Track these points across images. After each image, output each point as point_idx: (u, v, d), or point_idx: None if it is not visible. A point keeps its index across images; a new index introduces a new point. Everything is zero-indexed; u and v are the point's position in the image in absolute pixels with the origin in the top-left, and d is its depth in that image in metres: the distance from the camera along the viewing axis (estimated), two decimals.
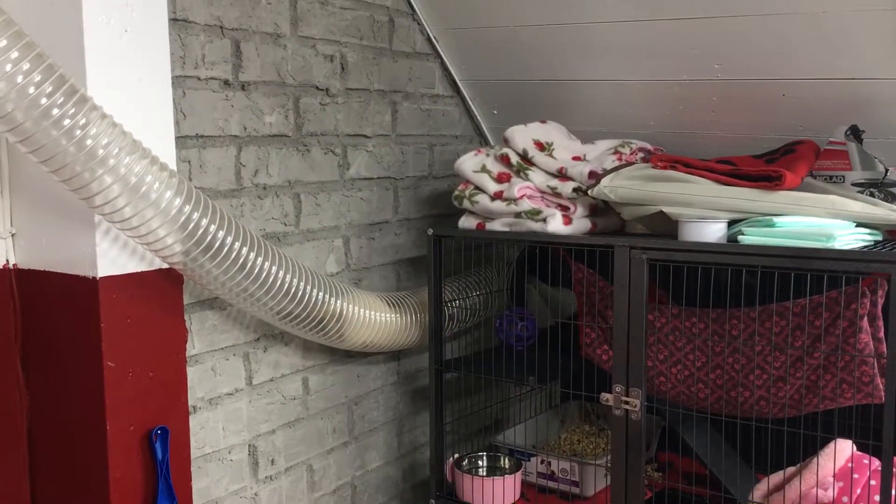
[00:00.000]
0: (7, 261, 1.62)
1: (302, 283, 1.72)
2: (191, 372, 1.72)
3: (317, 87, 1.97)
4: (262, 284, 1.64)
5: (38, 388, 1.63)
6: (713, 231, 1.74)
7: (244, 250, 1.58)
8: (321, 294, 1.77)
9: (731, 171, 1.81)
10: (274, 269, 1.65)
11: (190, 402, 1.72)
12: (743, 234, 1.69)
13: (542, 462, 2.17)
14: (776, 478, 1.77)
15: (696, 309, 1.92)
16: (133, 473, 1.59)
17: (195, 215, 1.49)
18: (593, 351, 2.09)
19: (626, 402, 1.80)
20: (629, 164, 1.96)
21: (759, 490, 1.78)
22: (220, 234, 1.54)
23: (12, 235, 1.62)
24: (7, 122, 1.30)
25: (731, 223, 1.75)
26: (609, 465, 1.87)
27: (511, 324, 2.24)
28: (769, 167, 1.78)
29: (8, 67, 1.25)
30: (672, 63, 2.02)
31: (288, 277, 1.68)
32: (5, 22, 1.26)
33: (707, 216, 1.75)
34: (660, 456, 2.30)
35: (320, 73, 1.98)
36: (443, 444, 2.11)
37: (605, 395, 1.83)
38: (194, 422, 1.74)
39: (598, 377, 1.97)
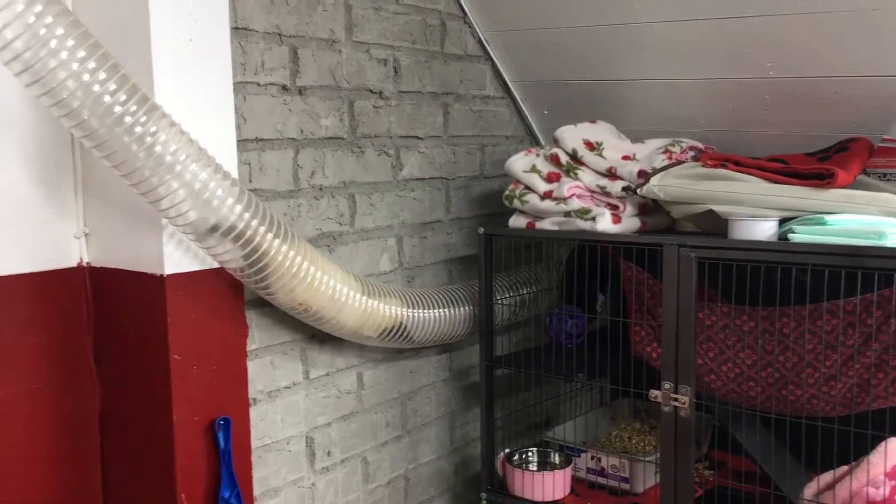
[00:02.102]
0: (81, 259, 1.71)
1: (346, 289, 1.78)
2: (251, 366, 1.79)
3: (371, 91, 2.03)
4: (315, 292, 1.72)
5: (110, 379, 1.72)
6: (763, 229, 1.75)
7: (298, 259, 1.65)
8: (369, 301, 1.84)
9: (783, 170, 1.81)
10: (325, 278, 1.72)
11: (250, 395, 1.80)
12: (794, 232, 1.70)
13: (592, 458, 2.20)
14: (827, 477, 1.77)
15: (747, 307, 1.93)
16: (197, 461, 1.67)
17: (254, 223, 1.55)
18: (643, 348, 2.11)
19: (675, 399, 1.82)
20: (679, 162, 1.97)
21: (810, 488, 1.78)
22: (276, 242, 1.60)
23: (86, 235, 1.71)
24: (83, 128, 1.38)
25: (783, 221, 1.76)
26: (658, 461, 1.89)
27: (561, 321, 2.26)
28: (821, 165, 1.77)
29: (86, 77, 1.33)
30: (722, 62, 2.03)
31: (337, 286, 1.76)
32: (83, 34, 1.34)
33: (757, 214, 1.76)
34: (711, 454, 2.31)
35: (374, 76, 2.04)
36: (493, 439, 2.15)
37: (653, 392, 1.85)
38: (254, 413, 1.81)
39: (647, 374, 1.99)
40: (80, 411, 1.72)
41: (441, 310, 2.03)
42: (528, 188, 2.05)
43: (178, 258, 1.60)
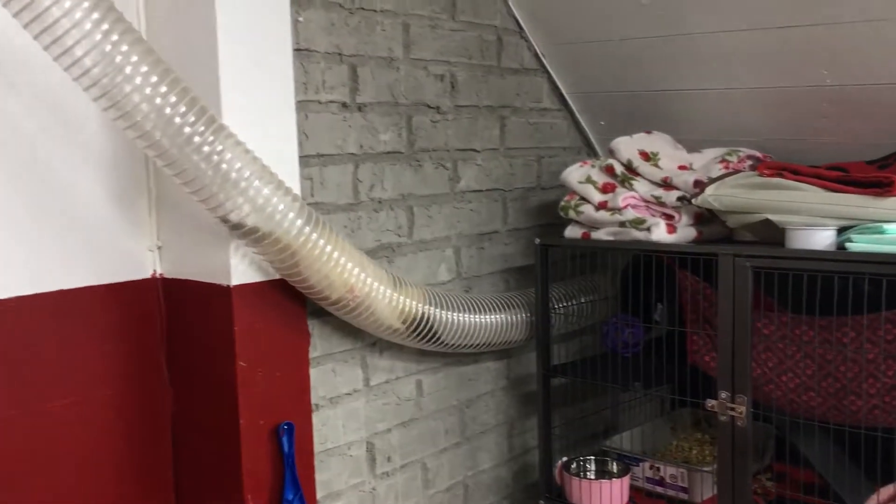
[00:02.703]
0: (154, 271, 1.81)
1: (407, 299, 1.84)
2: (313, 373, 1.86)
3: (428, 106, 2.09)
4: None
5: (181, 384, 1.81)
6: (821, 238, 1.74)
7: (356, 270, 1.71)
8: (428, 308, 1.89)
9: (841, 178, 1.80)
10: (383, 288, 1.78)
11: (312, 401, 1.87)
12: (851, 241, 1.68)
13: (651, 467, 2.20)
14: (889, 489, 1.74)
15: (806, 316, 1.91)
16: (263, 464, 1.74)
17: (314, 236, 1.62)
18: (700, 358, 2.11)
19: (732, 409, 1.81)
20: (736, 172, 1.97)
21: (872, 501, 1.76)
22: (336, 254, 1.67)
23: (159, 248, 1.81)
24: (155, 147, 1.47)
25: (841, 230, 1.74)
26: (716, 471, 1.89)
27: (618, 330, 2.28)
28: (880, 173, 1.76)
29: (158, 101, 1.42)
30: (778, 70, 2.02)
31: (396, 295, 1.81)
32: (155, 60, 1.43)
33: (814, 223, 1.75)
34: (774, 465, 2.28)
35: (431, 92, 2.09)
36: (550, 447, 2.18)
37: (710, 402, 1.86)
38: (317, 419, 1.88)
39: (706, 384, 1.99)
40: (154, 415, 1.82)
41: (472, 315, 2.01)
42: (584, 199, 2.07)
43: (243, 270, 1.68)
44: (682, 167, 2.05)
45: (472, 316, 2.00)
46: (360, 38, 1.92)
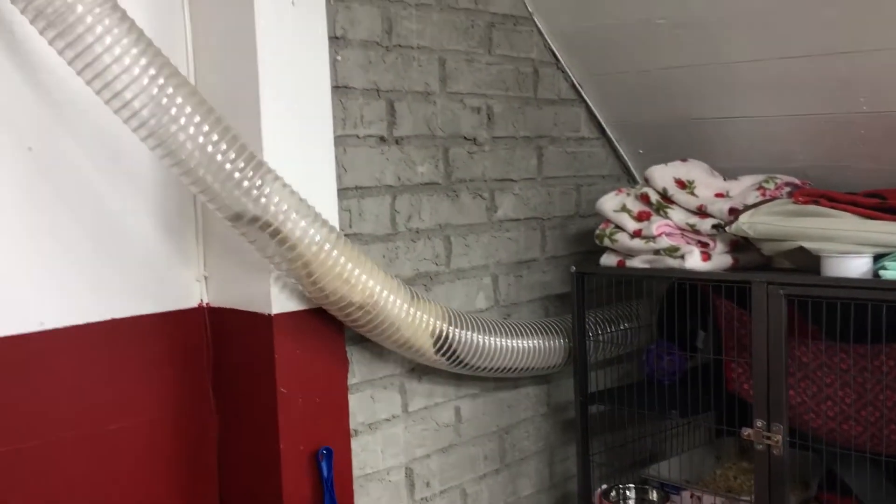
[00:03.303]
0: (201, 300, 1.89)
1: (447, 326, 1.88)
2: (352, 399, 1.92)
3: (465, 138, 2.15)
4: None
5: (226, 409, 1.89)
6: (856, 266, 1.73)
7: (397, 301, 1.77)
8: (466, 332, 1.93)
9: (877, 205, 1.79)
10: (426, 317, 1.83)
11: (351, 426, 1.92)
12: (886, 268, 1.67)
13: (692, 496, 2.19)
14: None
15: (843, 344, 1.90)
16: (302, 488, 1.79)
17: (349, 265, 1.68)
18: (740, 386, 2.10)
19: (768, 438, 1.81)
20: (772, 199, 1.97)
21: None
22: (378, 288, 1.73)
23: (205, 278, 1.89)
24: (199, 184, 1.55)
25: (878, 257, 1.73)
26: (754, 501, 1.88)
27: (657, 357, 2.28)
28: None
29: (200, 140, 1.50)
30: (814, 98, 2.02)
31: (438, 323, 1.86)
32: (199, 101, 1.52)
33: (849, 251, 1.75)
34: (822, 496, 2.24)
35: (468, 124, 2.15)
36: (590, 474, 2.18)
37: (746, 431, 1.85)
38: (356, 444, 1.93)
39: (746, 412, 1.98)
40: (200, 439, 1.89)
41: (494, 337, 2.00)
42: (618, 227, 2.10)
43: (283, 299, 1.75)
44: (718, 195, 2.06)
45: (494, 338, 2.00)
46: (397, 74, 1.99)
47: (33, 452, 1.64)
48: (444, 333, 1.88)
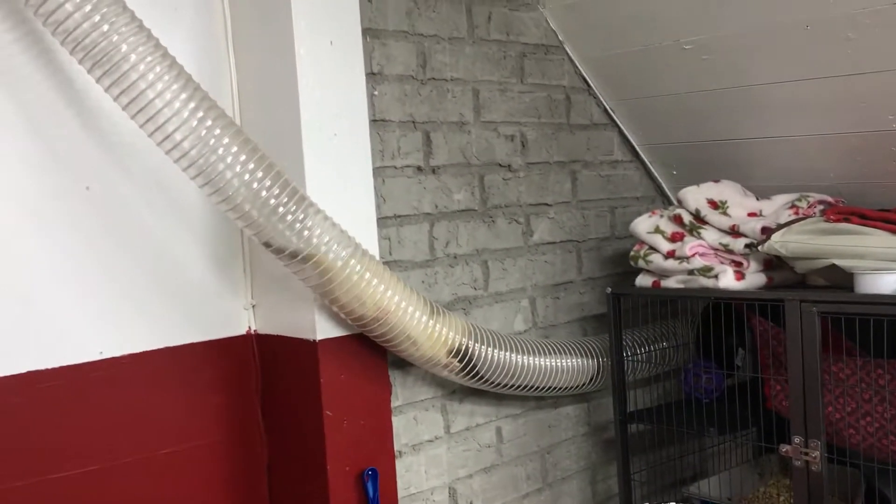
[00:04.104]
0: (249, 327, 1.97)
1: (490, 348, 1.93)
2: (395, 421, 1.98)
3: (499, 165, 2.21)
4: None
5: (275, 432, 1.96)
6: (889, 282, 1.75)
7: (437, 326, 1.82)
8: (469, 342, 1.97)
9: None
10: (465, 339, 1.88)
11: (395, 448, 1.98)
12: None
13: None
14: None
15: (881, 360, 1.91)
16: None
17: (388, 293, 1.75)
18: (779, 403, 2.11)
19: (806, 454, 1.82)
20: (805, 217, 2.00)
21: None
22: (417, 314, 1.79)
23: (253, 306, 1.98)
24: (245, 218, 1.64)
25: None
26: None
27: (696, 376, 2.30)
28: None
29: (246, 177, 1.59)
30: (844, 117, 2.05)
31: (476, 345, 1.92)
32: (244, 141, 1.61)
33: (881, 267, 1.77)
34: None
35: (502, 151, 2.21)
36: (631, 493, 2.21)
37: (784, 447, 1.87)
38: (400, 465, 1.99)
39: (786, 428, 1.99)
40: (251, 461, 1.97)
41: (516, 354, 2.00)
42: (652, 248, 2.14)
43: (327, 326, 1.83)
44: (751, 214, 2.09)
45: (514, 355, 1.99)
46: (432, 106, 2.07)
47: (94, 476, 1.73)
48: (463, 347, 1.89)
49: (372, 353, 1.90)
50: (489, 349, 1.94)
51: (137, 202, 1.80)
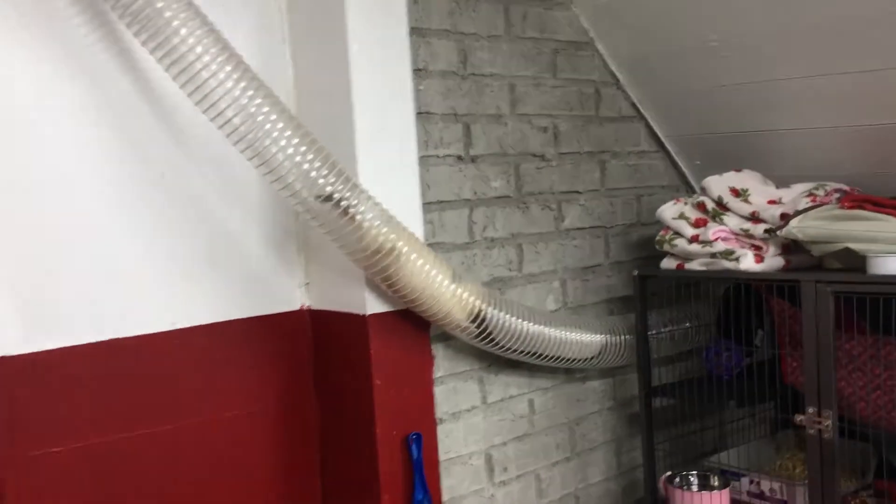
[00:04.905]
0: (303, 304, 2.14)
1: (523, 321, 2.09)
2: (437, 391, 2.14)
3: (533, 155, 2.36)
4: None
5: (326, 399, 2.13)
6: None
7: (477, 302, 1.98)
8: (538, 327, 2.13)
9: None
10: (503, 314, 2.04)
11: (437, 415, 2.14)
12: None
13: (751, 482, 2.34)
14: None
15: (891, 337, 2.04)
16: (395, 469, 2.02)
17: (433, 272, 1.90)
18: (796, 378, 2.25)
19: (819, 423, 1.96)
20: (822, 205, 2.13)
21: None
22: (459, 290, 1.95)
23: (306, 284, 2.14)
24: (303, 204, 1.80)
25: None
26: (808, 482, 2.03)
27: (717, 354, 2.44)
28: None
29: (305, 167, 1.75)
30: (862, 109, 2.18)
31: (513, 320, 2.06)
32: (304, 133, 1.77)
33: (893, 251, 1.90)
34: (876, 483, 2.37)
35: (536, 142, 2.37)
36: (654, 463, 2.36)
37: (798, 417, 2.01)
38: (441, 431, 2.16)
39: (799, 402, 2.13)
40: (304, 427, 2.14)
41: (533, 324, 2.09)
42: (677, 233, 2.28)
43: (376, 302, 1.99)
44: (771, 202, 2.22)
45: (527, 324, 2.09)
46: (472, 100, 2.22)
47: (167, 435, 1.91)
48: (480, 312, 1.99)
49: (416, 327, 2.06)
50: (503, 314, 2.04)
51: (205, 189, 1.97)
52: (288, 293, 2.12)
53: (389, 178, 2.00)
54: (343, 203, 1.78)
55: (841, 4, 1.98)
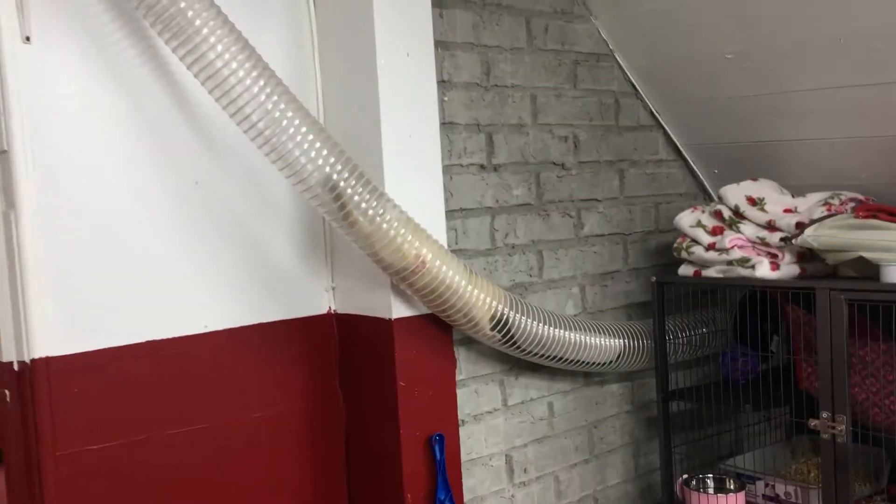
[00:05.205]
0: (330, 307, 2.21)
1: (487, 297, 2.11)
2: (459, 393, 2.21)
3: (554, 163, 2.42)
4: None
5: (352, 400, 2.20)
6: None
7: (499, 306, 2.04)
8: (559, 331, 2.18)
9: None
10: (525, 318, 2.09)
11: (459, 417, 2.20)
12: None
13: (766, 485, 2.39)
14: None
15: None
16: (419, 469, 2.09)
17: (456, 278, 1.96)
18: (811, 384, 2.30)
19: (833, 427, 2.01)
20: (836, 214, 2.18)
21: None
22: (482, 295, 2.00)
23: (333, 289, 2.21)
24: (330, 212, 1.86)
25: None
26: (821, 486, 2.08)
27: (734, 359, 2.49)
28: None
29: (335, 177, 1.81)
30: (877, 121, 2.22)
31: (540, 326, 2.12)
32: (333, 144, 1.83)
33: None
34: (890, 488, 2.41)
35: (556, 151, 2.43)
36: (671, 466, 2.41)
37: (813, 421, 2.06)
38: (463, 432, 2.22)
39: (815, 407, 2.18)
40: (330, 426, 2.21)
41: (554, 328, 2.14)
42: (694, 241, 2.33)
43: (401, 306, 2.05)
44: (787, 210, 2.27)
45: (546, 327, 2.13)
46: (495, 110, 2.29)
47: (200, 433, 1.98)
48: (502, 316, 2.05)
49: (439, 330, 2.12)
50: (523, 318, 2.09)
51: (236, 196, 2.04)
52: (316, 297, 2.19)
53: (414, 186, 2.06)
54: (353, 199, 1.82)
55: (855, 20, 2.03)
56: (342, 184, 1.82)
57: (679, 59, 2.45)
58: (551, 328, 2.15)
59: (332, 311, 2.21)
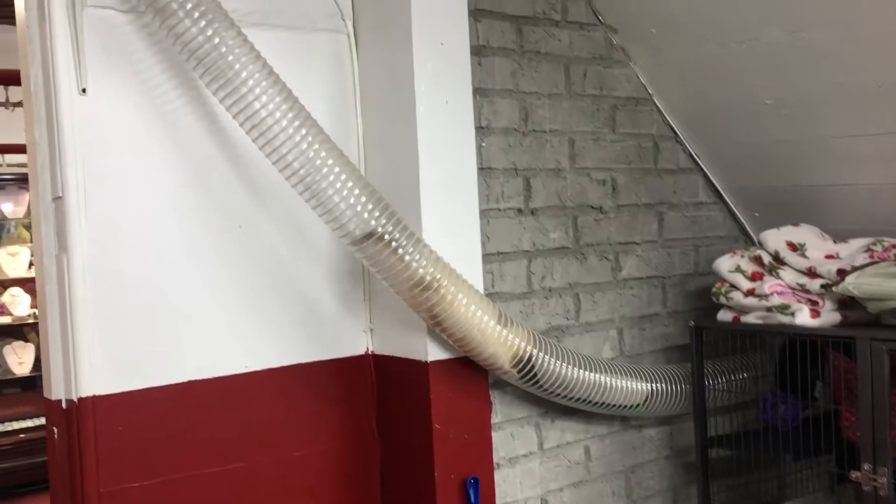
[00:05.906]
0: (367, 348, 2.25)
1: (571, 367, 2.14)
2: (494, 436, 2.21)
3: (591, 207, 2.44)
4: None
5: (388, 441, 2.22)
6: None
7: (522, 344, 2.04)
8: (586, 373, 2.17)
9: None
10: (552, 360, 2.10)
11: (494, 460, 2.21)
12: None
13: None
14: None
15: None
16: None
17: (497, 327, 1.98)
18: (853, 433, 2.25)
19: (874, 480, 1.97)
20: (879, 261, 2.15)
21: None
22: (504, 332, 2.02)
23: (371, 330, 2.25)
24: (369, 258, 1.90)
25: None
26: None
27: (775, 406, 2.46)
28: None
29: (372, 223, 1.85)
30: None
31: (565, 367, 2.12)
32: (372, 191, 1.88)
33: None
34: None
35: (594, 195, 2.44)
36: None
37: (854, 473, 2.02)
38: (498, 476, 2.22)
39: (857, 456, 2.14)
40: (366, 466, 2.23)
41: (578, 369, 2.13)
42: (733, 286, 2.32)
43: (437, 349, 2.08)
44: (828, 256, 2.25)
45: (572, 368, 2.13)
46: (532, 155, 2.32)
47: (240, 472, 2.03)
48: (526, 354, 2.05)
49: (475, 373, 2.14)
50: (549, 358, 2.09)
51: (278, 240, 2.10)
52: (354, 338, 2.23)
53: (452, 230, 2.10)
54: (387, 237, 1.87)
55: (893, 68, 2.02)
56: (380, 229, 1.86)
57: (719, 104, 2.45)
58: (576, 369, 2.15)
59: (370, 352, 2.24)
